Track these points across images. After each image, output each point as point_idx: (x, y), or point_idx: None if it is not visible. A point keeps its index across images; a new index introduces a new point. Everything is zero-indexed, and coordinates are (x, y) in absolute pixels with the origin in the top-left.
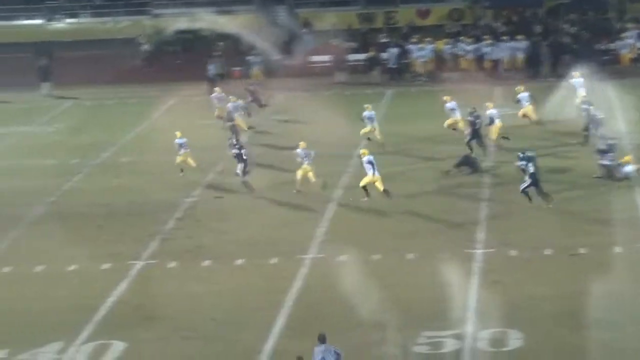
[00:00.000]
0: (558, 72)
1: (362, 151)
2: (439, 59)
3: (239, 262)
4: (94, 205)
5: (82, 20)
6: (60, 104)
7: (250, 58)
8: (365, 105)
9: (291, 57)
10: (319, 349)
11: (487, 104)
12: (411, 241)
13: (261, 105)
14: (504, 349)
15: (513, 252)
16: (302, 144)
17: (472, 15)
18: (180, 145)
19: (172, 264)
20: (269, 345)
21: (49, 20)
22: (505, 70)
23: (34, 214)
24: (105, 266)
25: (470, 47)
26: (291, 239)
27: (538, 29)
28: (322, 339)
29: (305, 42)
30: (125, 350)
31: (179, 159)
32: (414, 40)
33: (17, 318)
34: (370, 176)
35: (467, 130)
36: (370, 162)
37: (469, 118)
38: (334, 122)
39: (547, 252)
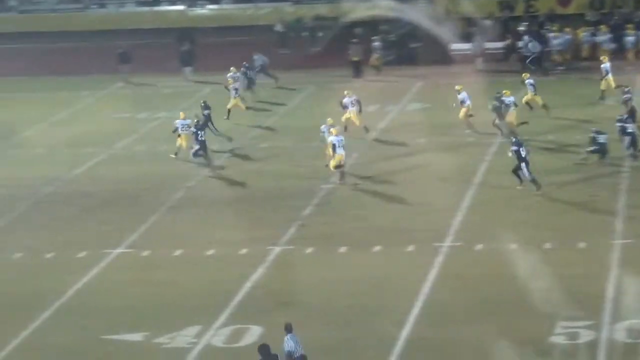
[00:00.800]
0: None
1: (331, 130)
2: (578, 48)
3: (376, 249)
4: (233, 190)
5: (223, 6)
6: (200, 89)
7: (374, 45)
8: (346, 92)
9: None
10: (288, 338)
11: (504, 91)
12: (548, 231)
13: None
14: None
15: None
16: (329, 120)
17: (613, 4)
18: (182, 127)
19: (309, 250)
20: (405, 332)
21: (192, 6)
22: None
23: (173, 199)
24: (243, 251)
25: (606, 37)
26: (428, 226)
27: None
28: (288, 329)
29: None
30: (261, 335)
31: (179, 140)
32: (554, 28)
33: (155, 301)
34: (338, 155)
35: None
36: (335, 142)
37: (494, 102)
38: (473, 110)
39: None
